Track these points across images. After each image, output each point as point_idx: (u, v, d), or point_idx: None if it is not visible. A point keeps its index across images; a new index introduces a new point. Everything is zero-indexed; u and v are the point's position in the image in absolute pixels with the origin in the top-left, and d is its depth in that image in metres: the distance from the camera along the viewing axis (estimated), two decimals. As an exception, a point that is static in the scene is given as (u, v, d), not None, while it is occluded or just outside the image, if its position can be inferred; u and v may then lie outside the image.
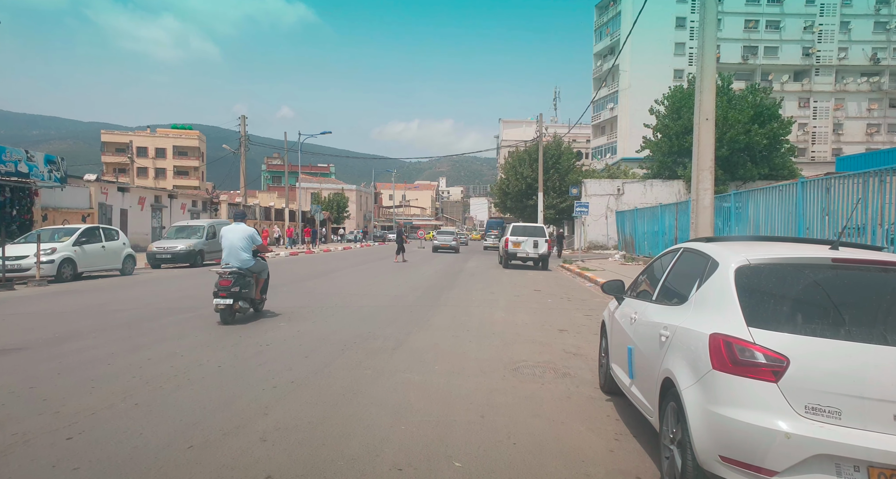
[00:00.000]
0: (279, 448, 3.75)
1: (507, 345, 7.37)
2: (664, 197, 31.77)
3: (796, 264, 3.11)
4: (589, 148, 68.08)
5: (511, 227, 23.22)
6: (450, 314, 9.86)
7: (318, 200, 61.26)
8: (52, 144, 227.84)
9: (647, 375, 3.78)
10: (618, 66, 54.22)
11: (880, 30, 56.45)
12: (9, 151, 19.17)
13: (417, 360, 6.39)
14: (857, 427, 2.50)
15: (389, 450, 3.78)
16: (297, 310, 9.96)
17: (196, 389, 5.07)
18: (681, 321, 3.36)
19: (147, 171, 75.52)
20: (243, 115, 39.08)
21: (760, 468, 2.56)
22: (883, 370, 2.57)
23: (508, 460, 3.68)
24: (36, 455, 3.56)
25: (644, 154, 37.99)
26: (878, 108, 57.42)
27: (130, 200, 29.21)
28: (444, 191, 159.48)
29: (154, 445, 3.75)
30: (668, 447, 3.25)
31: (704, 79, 9.13)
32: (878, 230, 8.73)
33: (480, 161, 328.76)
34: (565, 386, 5.48)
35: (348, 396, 4.96)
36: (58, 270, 14.48)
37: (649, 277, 4.74)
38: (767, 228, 12.33)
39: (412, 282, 15.72)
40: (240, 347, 6.87)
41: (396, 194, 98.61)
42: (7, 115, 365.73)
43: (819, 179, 10.80)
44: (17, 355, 6.25)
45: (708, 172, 9.22)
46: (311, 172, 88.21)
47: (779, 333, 2.76)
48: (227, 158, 43.61)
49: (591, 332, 8.30)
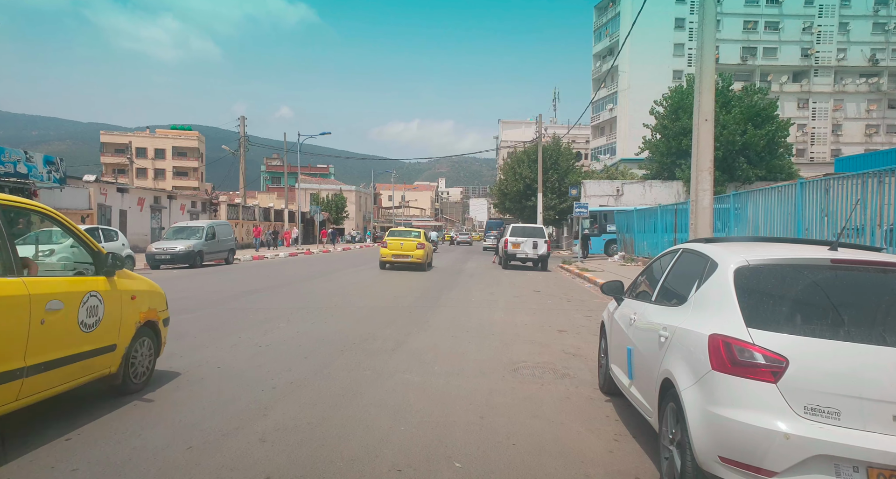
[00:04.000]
0: (278, 449, 3.75)
1: (506, 346, 7.37)
2: (663, 198, 31.78)
3: (795, 265, 3.11)
4: (588, 149, 68.10)
5: (510, 228, 23.23)
6: (449, 315, 9.86)
7: (318, 201, 61.23)
8: (52, 145, 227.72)
9: (646, 375, 3.78)
10: (617, 67, 54.23)
11: (879, 31, 56.48)
12: (8, 152, 19.14)
13: (417, 361, 6.39)
14: (856, 428, 2.50)
15: (389, 451, 3.78)
16: (296, 310, 9.96)
17: (195, 389, 5.07)
18: (680, 322, 3.37)
19: (146, 171, 75.47)
20: (242, 115, 39.10)
21: (760, 469, 2.56)
22: (882, 371, 2.57)
23: (508, 460, 3.68)
24: (35, 456, 3.56)
25: (643, 155, 38.03)
26: (877, 109, 57.45)
27: (129, 200, 29.19)
28: (443, 192, 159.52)
29: (153, 446, 3.75)
30: (668, 448, 3.25)
31: (703, 79, 9.13)
32: (877, 231, 8.74)
33: (480, 162, 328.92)
34: (565, 387, 5.48)
35: (348, 397, 4.96)
36: (57, 270, 14.46)
37: (648, 277, 4.74)
38: (766, 229, 12.33)
39: (411, 282, 15.73)
40: (239, 347, 6.87)
41: (396, 195, 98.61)
42: (6, 115, 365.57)
43: (818, 180, 10.81)
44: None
45: (707, 172, 9.22)
46: (310, 172, 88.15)
47: (778, 333, 2.76)
48: (226, 158, 43.61)
49: (591, 333, 8.31)
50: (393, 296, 12.52)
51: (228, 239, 23.35)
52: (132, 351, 4.90)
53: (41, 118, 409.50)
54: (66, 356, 4.05)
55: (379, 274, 18.60)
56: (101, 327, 4.44)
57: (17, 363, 3.58)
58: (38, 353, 3.76)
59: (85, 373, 4.35)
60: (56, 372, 3.96)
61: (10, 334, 3.55)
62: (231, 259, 23.43)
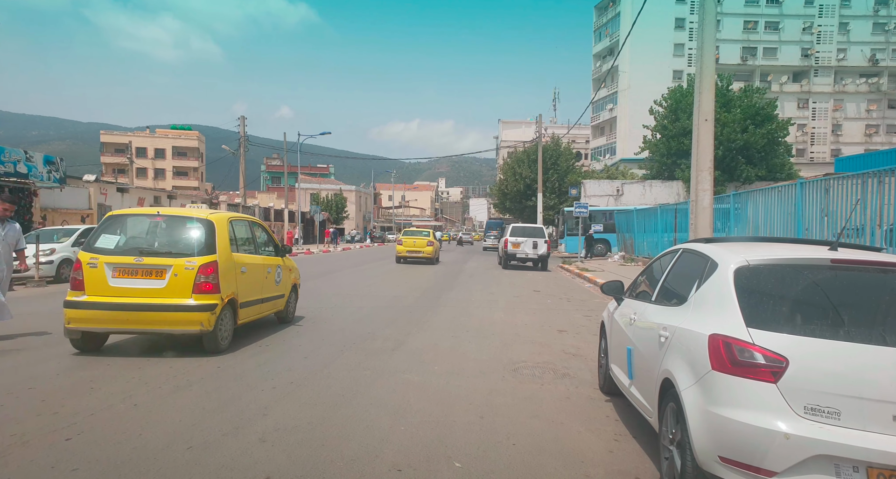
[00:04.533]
0: (278, 449, 3.75)
1: (506, 346, 7.37)
2: (663, 198, 31.79)
3: (795, 265, 3.11)
4: (588, 149, 68.10)
5: (510, 228, 23.24)
6: (449, 315, 9.86)
7: (318, 201, 61.21)
8: (52, 145, 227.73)
9: (646, 375, 3.78)
10: (617, 67, 54.22)
11: (879, 31, 56.47)
12: (8, 152, 19.14)
13: (417, 360, 6.39)
14: (856, 428, 2.50)
15: (389, 451, 3.78)
16: (295, 311, 9.95)
17: (195, 389, 5.07)
18: (680, 322, 3.37)
19: (146, 171, 75.44)
20: (242, 115, 39.06)
21: (760, 469, 2.56)
22: (882, 371, 2.57)
23: (508, 460, 3.68)
24: (35, 456, 3.56)
25: (643, 155, 38.03)
26: (877, 108, 57.45)
27: (129, 200, 29.19)
28: (443, 192, 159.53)
29: (153, 446, 3.75)
30: (668, 448, 3.25)
31: (704, 79, 9.13)
32: (877, 231, 8.74)
33: (480, 162, 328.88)
34: (565, 387, 5.48)
35: (348, 396, 4.96)
36: (57, 270, 14.47)
37: (648, 277, 4.74)
38: (766, 229, 12.33)
39: (411, 283, 15.73)
40: (239, 347, 6.87)
41: (396, 195, 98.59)
42: (6, 115, 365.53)
43: (818, 180, 10.80)
44: (16, 356, 6.24)
45: (707, 172, 9.22)
46: (310, 172, 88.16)
47: (778, 333, 2.76)
48: (226, 158, 43.60)
49: (591, 332, 8.31)
50: (393, 296, 12.52)
51: None
52: (290, 300, 8.76)
53: (41, 118, 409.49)
54: (272, 296, 7.97)
55: (379, 274, 18.60)
56: (281, 283, 8.30)
57: (259, 296, 7.52)
58: (265, 292, 7.68)
59: (275, 307, 8.26)
60: (268, 303, 7.87)
61: (258, 281, 7.41)
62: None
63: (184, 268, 6.21)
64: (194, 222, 6.63)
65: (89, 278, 6.22)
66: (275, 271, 8.02)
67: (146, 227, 6.85)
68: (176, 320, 6.17)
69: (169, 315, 6.15)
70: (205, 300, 6.21)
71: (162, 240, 6.61)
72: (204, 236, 6.48)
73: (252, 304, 7.27)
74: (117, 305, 6.11)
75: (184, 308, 6.14)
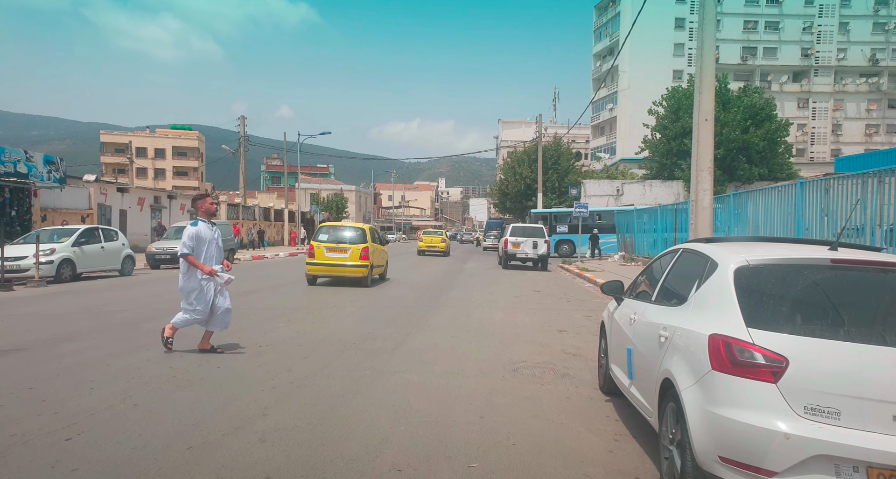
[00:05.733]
0: (278, 449, 3.75)
1: (506, 346, 7.37)
2: (663, 198, 31.81)
3: (795, 265, 3.11)
4: (588, 148, 68.12)
5: (510, 227, 23.25)
6: (449, 315, 9.86)
7: (318, 201, 61.26)
8: (52, 145, 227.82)
9: (646, 375, 3.78)
10: (617, 67, 54.23)
11: (879, 31, 56.49)
12: (8, 152, 19.14)
13: (417, 361, 6.39)
14: (856, 428, 2.50)
15: (389, 451, 3.78)
16: (295, 310, 9.96)
17: (195, 389, 5.07)
18: (680, 322, 3.37)
19: (146, 171, 75.44)
20: (242, 115, 39.10)
21: (760, 469, 2.56)
22: (882, 371, 2.57)
23: (508, 460, 3.68)
24: (35, 456, 3.56)
25: (643, 155, 38.04)
26: (877, 108, 57.47)
27: (130, 200, 29.19)
28: (443, 191, 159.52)
29: (153, 446, 3.75)
30: (668, 448, 3.25)
31: (704, 79, 9.14)
32: (877, 231, 8.73)
33: (480, 162, 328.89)
34: (565, 387, 5.48)
35: (348, 396, 4.96)
36: (57, 270, 14.45)
37: (648, 277, 4.74)
38: (767, 229, 12.33)
39: (411, 283, 15.74)
40: (239, 347, 6.87)
41: (396, 195, 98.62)
42: (6, 115, 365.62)
43: (818, 180, 10.80)
44: (16, 356, 6.24)
45: (707, 172, 9.23)
46: (310, 172, 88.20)
47: (778, 333, 2.76)
48: (226, 158, 43.63)
49: (591, 332, 8.31)
50: (394, 295, 12.53)
51: (229, 239, 23.34)
52: (385, 270, 16.38)
53: (41, 118, 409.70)
54: (382, 265, 15.85)
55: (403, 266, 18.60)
56: (384, 259, 16.14)
57: (379, 264, 15.45)
58: (380, 262, 15.57)
59: (381, 273, 15.86)
60: (380, 268, 15.65)
61: (379, 257, 15.30)
62: (231, 259, 23.42)
63: (356, 248, 13.78)
64: (358, 229, 14.46)
65: (317, 252, 13.86)
66: (382, 253, 15.76)
67: (338, 229, 14.60)
68: (352, 271, 13.85)
69: (349, 269, 13.84)
70: (363, 262, 13.75)
71: (345, 236, 14.17)
72: (363, 235, 14.15)
73: (377, 267, 14.90)
74: (328, 264, 13.89)
75: (356, 267, 13.78)
